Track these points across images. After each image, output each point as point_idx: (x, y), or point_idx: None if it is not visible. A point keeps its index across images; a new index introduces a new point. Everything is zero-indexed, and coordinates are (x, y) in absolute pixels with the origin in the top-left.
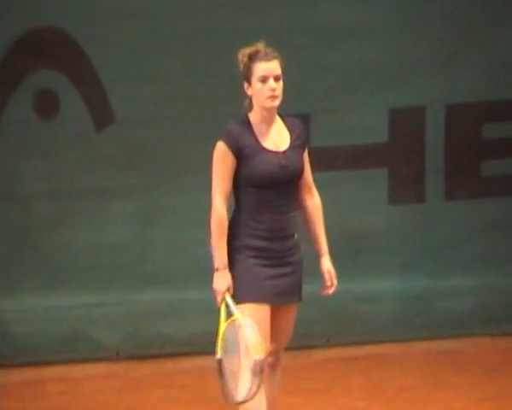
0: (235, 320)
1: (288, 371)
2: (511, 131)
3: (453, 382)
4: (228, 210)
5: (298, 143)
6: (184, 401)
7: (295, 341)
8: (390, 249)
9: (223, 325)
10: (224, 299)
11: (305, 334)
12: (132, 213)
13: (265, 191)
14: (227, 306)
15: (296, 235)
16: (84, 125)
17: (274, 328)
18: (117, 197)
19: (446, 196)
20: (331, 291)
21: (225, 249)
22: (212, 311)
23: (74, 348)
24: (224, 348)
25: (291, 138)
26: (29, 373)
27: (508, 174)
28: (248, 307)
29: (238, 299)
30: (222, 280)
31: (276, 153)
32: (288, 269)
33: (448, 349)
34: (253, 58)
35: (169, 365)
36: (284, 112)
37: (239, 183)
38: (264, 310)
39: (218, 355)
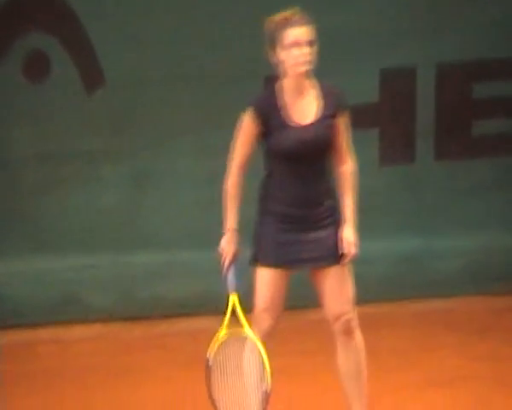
0: (242, 335)
1: (281, 332)
2: (502, 89)
3: (445, 341)
4: (246, 176)
5: (328, 113)
6: (178, 362)
7: (287, 302)
8: (381, 210)
9: (224, 330)
10: (230, 262)
11: (297, 295)
12: (123, 176)
13: (290, 163)
14: (233, 310)
15: (329, 202)
16: (74, 88)
17: (322, 294)
18: (107, 161)
19: (436, 156)
20: (347, 260)
21: (234, 213)
22: (203, 273)
23: (66, 311)
24: (218, 353)
25: (321, 108)
26: (20, 335)
27: (499, 133)
28: (260, 270)
29: (252, 259)
30: (228, 242)
31: (300, 127)
32: (313, 235)
33: (440, 309)
34: (283, 24)
35: (162, 326)
36: (273, 72)
37: (267, 150)
38: (274, 274)
39: (209, 356)
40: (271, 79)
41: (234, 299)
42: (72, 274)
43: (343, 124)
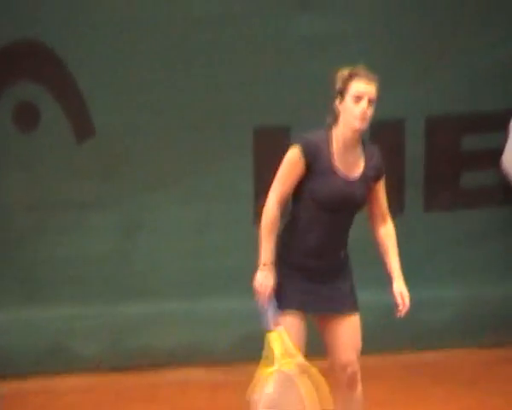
0: (290, 372)
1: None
2: (490, 142)
3: (432, 393)
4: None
5: (371, 175)
6: None
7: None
8: (368, 261)
9: (269, 369)
10: (269, 297)
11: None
12: (112, 226)
13: (323, 212)
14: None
15: (344, 252)
16: (64, 137)
17: (332, 342)
18: (97, 210)
19: (425, 207)
20: (404, 312)
21: (271, 247)
22: (192, 322)
23: (55, 360)
24: (261, 392)
25: (365, 168)
26: (9, 385)
27: (486, 185)
28: (283, 315)
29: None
30: (266, 276)
31: (345, 180)
32: (331, 284)
33: (427, 361)
34: (352, 76)
35: (151, 377)
36: (264, 123)
37: (299, 194)
38: (296, 317)
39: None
40: (261, 130)
41: (275, 335)
42: (61, 324)
43: (382, 187)
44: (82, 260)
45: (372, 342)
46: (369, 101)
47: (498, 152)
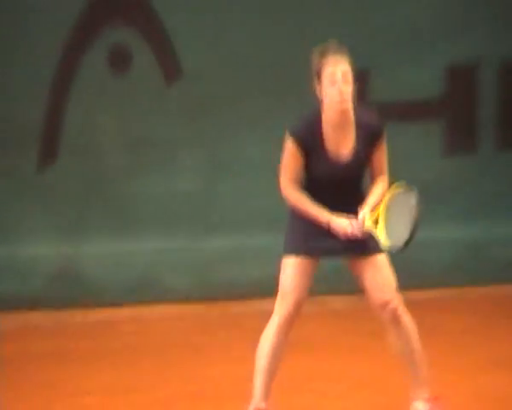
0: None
1: (352, 313)
2: None
3: (506, 327)
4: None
5: (363, 145)
6: (251, 341)
7: (354, 284)
8: (444, 199)
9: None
10: (359, 229)
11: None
12: (198, 165)
13: (323, 185)
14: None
15: (358, 205)
16: (154, 79)
17: (363, 285)
18: (184, 149)
19: (497, 147)
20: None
21: (320, 209)
22: (274, 256)
23: (145, 291)
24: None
25: (357, 141)
26: (103, 314)
27: None
28: (288, 260)
29: (284, 249)
30: (340, 224)
31: (336, 161)
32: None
33: (498, 295)
34: (322, 59)
35: (235, 307)
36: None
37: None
38: (301, 263)
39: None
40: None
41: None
42: (150, 257)
43: (379, 150)
44: (171, 197)
45: (449, 277)
46: (345, 79)
47: None
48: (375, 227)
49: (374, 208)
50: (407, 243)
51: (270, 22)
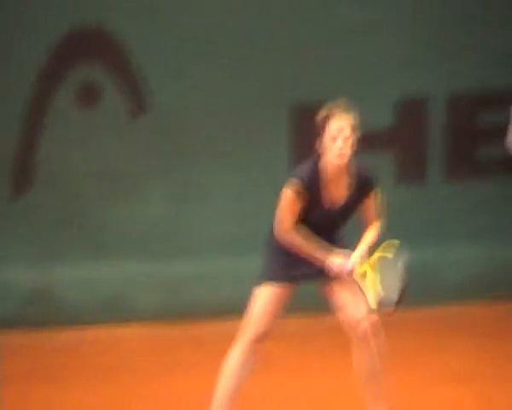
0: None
1: (303, 334)
2: (504, 116)
3: (455, 345)
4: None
5: (358, 195)
6: (215, 359)
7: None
8: (394, 224)
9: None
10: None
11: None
12: (167, 193)
13: (310, 225)
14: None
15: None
16: (121, 114)
17: (338, 306)
18: (154, 177)
19: (445, 177)
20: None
21: (319, 250)
22: (237, 279)
23: (114, 312)
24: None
25: (351, 191)
26: (75, 334)
27: (500, 157)
28: (263, 287)
29: (259, 278)
30: (338, 263)
31: (330, 208)
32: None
33: (450, 314)
34: (328, 117)
35: (203, 328)
36: (302, 99)
37: None
38: (279, 292)
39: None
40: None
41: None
42: (121, 279)
43: (371, 201)
44: (139, 223)
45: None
46: (344, 137)
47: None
48: (363, 281)
49: (363, 257)
50: (396, 305)
51: (237, 56)
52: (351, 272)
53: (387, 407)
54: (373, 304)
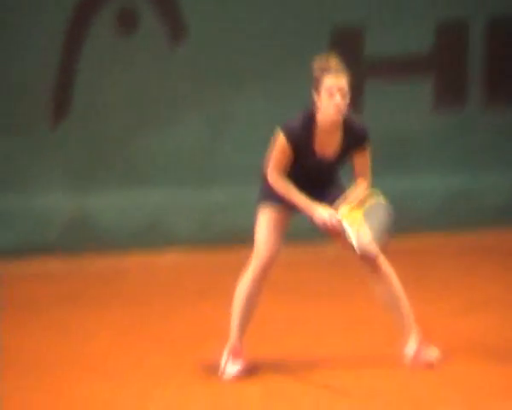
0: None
1: (341, 260)
2: None
3: (488, 270)
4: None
5: (349, 149)
6: None
7: None
8: (435, 151)
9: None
10: (336, 221)
11: None
12: (202, 121)
13: (302, 174)
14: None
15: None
16: (160, 40)
17: (343, 237)
18: (189, 107)
19: (484, 102)
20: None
21: (303, 199)
22: None
23: (152, 238)
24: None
25: (342, 145)
26: (112, 260)
27: None
28: (264, 210)
29: (259, 200)
30: (322, 214)
31: (321, 159)
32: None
33: (484, 240)
34: (323, 71)
35: (238, 253)
36: (339, 24)
37: None
38: (277, 213)
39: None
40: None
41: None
42: (157, 206)
43: (361, 157)
44: (174, 151)
45: (432, 224)
46: (342, 93)
47: None
48: (350, 227)
49: (351, 209)
50: (364, 250)
51: None
52: (339, 222)
53: (416, 334)
54: (357, 244)
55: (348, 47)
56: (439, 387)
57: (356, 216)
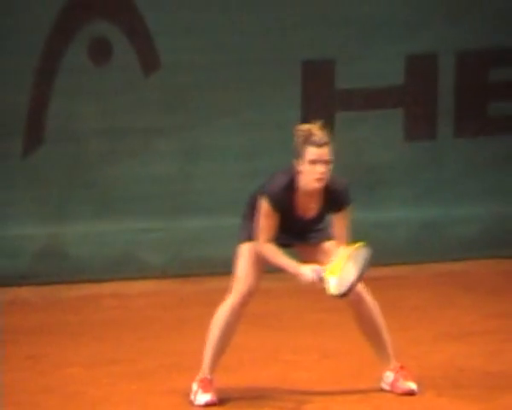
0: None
1: (315, 293)
2: None
3: (461, 300)
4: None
5: (328, 210)
6: None
7: None
8: (405, 181)
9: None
10: (319, 276)
11: None
12: (174, 150)
13: (284, 228)
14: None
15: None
16: (133, 70)
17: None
18: (161, 136)
19: (455, 134)
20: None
21: (289, 262)
22: None
23: (125, 268)
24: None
25: (323, 207)
26: (86, 290)
27: (510, 113)
28: (244, 247)
29: (241, 238)
30: (305, 272)
31: (302, 221)
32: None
33: (457, 271)
34: (306, 141)
35: (209, 284)
36: (311, 57)
37: None
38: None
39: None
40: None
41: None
42: (129, 236)
43: (341, 218)
44: (148, 181)
45: (408, 254)
46: (324, 162)
47: None
48: (332, 274)
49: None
50: (342, 294)
51: (245, 14)
52: (320, 276)
53: (394, 362)
54: (331, 291)
55: (320, 79)
56: None
57: (338, 264)
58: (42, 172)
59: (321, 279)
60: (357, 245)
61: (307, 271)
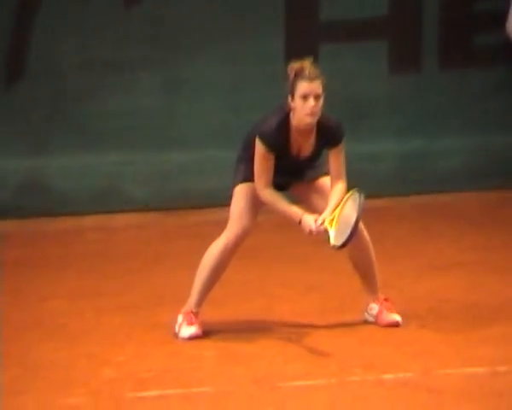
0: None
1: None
2: (499, 5)
3: (444, 233)
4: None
5: (322, 147)
6: (207, 248)
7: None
8: (391, 114)
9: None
10: (320, 228)
11: None
12: (159, 83)
13: (279, 170)
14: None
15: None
16: (114, 3)
17: (323, 206)
18: (145, 69)
19: (440, 66)
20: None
21: (290, 207)
22: (228, 168)
23: (108, 201)
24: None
25: (316, 145)
26: (69, 223)
27: (495, 45)
28: (241, 186)
29: (236, 180)
30: (307, 221)
31: (296, 159)
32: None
33: (440, 203)
34: (298, 76)
35: (193, 217)
36: None
37: None
38: (253, 192)
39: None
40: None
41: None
42: (113, 169)
43: (335, 154)
44: (131, 114)
45: (392, 186)
46: (316, 97)
47: (506, 14)
48: (331, 226)
49: (332, 211)
50: (343, 245)
51: None
52: (321, 226)
53: (379, 294)
54: (333, 242)
55: (304, 10)
56: (393, 349)
57: (336, 214)
58: (25, 105)
59: (324, 230)
60: (350, 192)
61: (310, 221)
